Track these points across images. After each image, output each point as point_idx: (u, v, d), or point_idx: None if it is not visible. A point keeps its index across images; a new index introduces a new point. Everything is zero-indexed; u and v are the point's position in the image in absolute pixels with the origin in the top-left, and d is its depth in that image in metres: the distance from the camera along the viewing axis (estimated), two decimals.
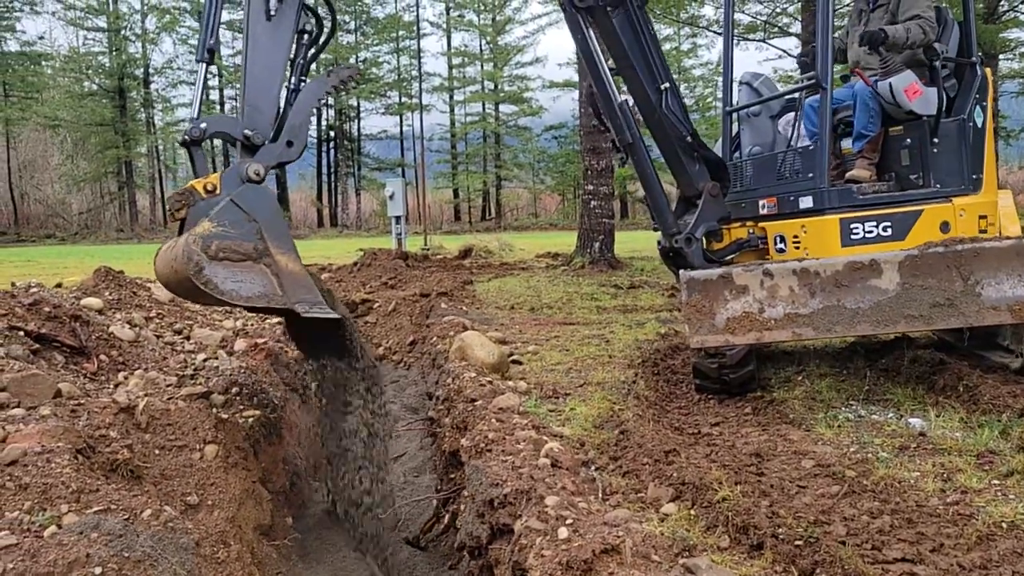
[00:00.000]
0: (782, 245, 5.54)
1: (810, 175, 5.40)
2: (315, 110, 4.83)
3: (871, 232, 5.11)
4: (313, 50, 4.77)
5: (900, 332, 5.12)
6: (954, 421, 4.21)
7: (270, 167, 4.19)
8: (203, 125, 4.08)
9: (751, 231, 5.74)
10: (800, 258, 4.99)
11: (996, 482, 3.37)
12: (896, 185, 5.42)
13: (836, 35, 6.76)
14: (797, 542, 2.80)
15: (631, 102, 5.37)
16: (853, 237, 5.11)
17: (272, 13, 4.24)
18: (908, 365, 5.25)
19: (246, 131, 4.15)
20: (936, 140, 5.31)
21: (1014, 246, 4.13)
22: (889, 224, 5.10)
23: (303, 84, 4.56)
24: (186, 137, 4.10)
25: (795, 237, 5.41)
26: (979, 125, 5.52)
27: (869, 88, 5.38)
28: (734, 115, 6.43)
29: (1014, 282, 4.09)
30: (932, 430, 4.12)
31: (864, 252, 4.54)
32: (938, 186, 5.27)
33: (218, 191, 3.99)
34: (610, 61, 5.41)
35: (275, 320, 7.05)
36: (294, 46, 4.51)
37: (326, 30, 4.81)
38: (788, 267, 4.30)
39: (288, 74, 4.49)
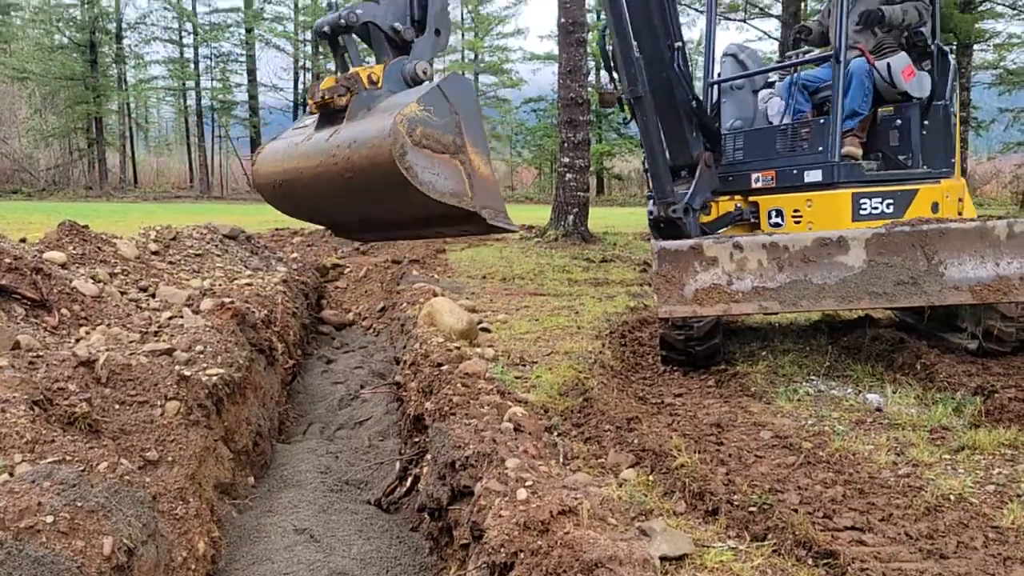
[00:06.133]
0: (778, 219, 5.52)
1: (819, 148, 5.38)
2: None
3: (876, 208, 5.16)
4: None
5: (864, 309, 5.20)
6: (910, 398, 4.30)
7: (431, 61, 4.01)
8: (359, 11, 3.84)
9: (738, 205, 5.73)
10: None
11: (947, 456, 3.44)
12: (883, 165, 5.47)
13: (815, 17, 6.77)
14: (751, 508, 2.85)
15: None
16: (862, 212, 5.15)
17: None
18: (869, 343, 5.34)
19: (395, 24, 3.93)
20: (926, 123, 5.37)
21: (978, 227, 4.18)
22: (892, 201, 5.16)
23: None
24: (342, 22, 3.84)
25: (796, 211, 5.40)
26: (953, 111, 5.60)
27: (867, 67, 5.37)
28: (714, 89, 6.40)
29: (976, 263, 4.15)
30: (888, 406, 4.20)
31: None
32: (925, 167, 5.35)
33: (380, 84, 3.81)
34: None
35: (243, 281, 6.99)
36: None
37: None
38: (758, 241, 4.33)
39: None
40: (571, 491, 2.84)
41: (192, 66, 43.90)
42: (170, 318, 5.41)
